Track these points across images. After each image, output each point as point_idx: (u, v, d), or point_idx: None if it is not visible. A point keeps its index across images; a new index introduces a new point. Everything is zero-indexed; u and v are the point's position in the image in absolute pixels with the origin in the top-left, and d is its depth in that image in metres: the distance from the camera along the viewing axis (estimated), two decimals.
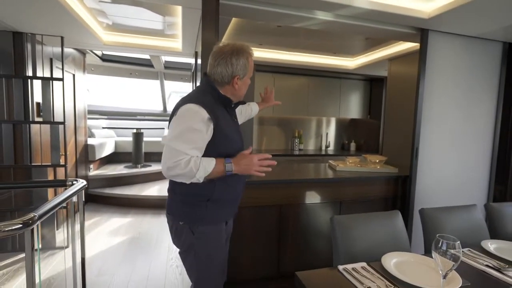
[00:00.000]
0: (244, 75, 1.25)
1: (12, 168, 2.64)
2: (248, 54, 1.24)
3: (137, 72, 5.30)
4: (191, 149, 1.12)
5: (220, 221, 1.30)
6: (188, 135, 1.12)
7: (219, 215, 1.29)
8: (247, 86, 1.30)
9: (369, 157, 2.64)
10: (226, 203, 1.30)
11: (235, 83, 1.24)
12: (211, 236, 1.27)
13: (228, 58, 1.20)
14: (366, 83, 4.50)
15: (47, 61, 2.92)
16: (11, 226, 1.12)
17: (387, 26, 2.20)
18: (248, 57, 1.25)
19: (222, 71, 1.21)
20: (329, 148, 4.67)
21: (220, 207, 1.28)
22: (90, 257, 2.61)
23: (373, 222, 1.42)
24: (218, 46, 1.25)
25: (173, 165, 1.09)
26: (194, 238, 1.24)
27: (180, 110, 1.16)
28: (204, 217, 1.24)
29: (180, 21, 2.55)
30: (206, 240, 1.26)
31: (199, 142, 1.14)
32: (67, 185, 1.79)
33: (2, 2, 2.03)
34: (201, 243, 1.25)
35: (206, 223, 1.25)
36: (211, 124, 1.16)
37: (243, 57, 1.22)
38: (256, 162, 1.19)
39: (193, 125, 1.12)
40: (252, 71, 1.28)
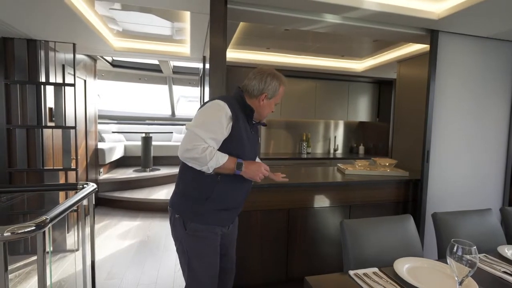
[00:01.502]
0: (272, 96, 1.37)
1: (25, 172, 2.70)
2: (281, 82, 1.38)
3: (146, 77, 5.38)
4: (210, 139, 1.20)
5: (214, 223, 1.32)
6: (210, 125, 1.21)
7: (214, 217, 1.31)
8: (271, 110, 1.41)
9: (378, 160, 2.60)
10: (224, 206, 1.32)
11: (262, 99, 1.36)
12: (201, 235, 1.30)
13: (264, 76, 1.36)
14: (375, 85, 4.46)
15: (59, 67, 2.99)
16: (23, 229, 1.14)
17: (396, 28, 2.18)
18: (281, 84, 1.38)
19: (255, 84, 1.36)
20: (338, 151, 4.63)
21: (218, 210, 1.31)
22: (99, 260, 2.63)
23: (384, 227, 1.40)
24: (260, 67, 1.41)
25: (192, 148, 1.17)
26: (185, 233, 1.29)
27: (208, 103, 1.28)
28: (198, 214, 1.28)
29: (188, 26, 2.59)
30: (196, 238, 1.29)
31: (218, 134, 1.22)
32: (78, 189, 1.82)
33: (17, 11, 2.10)
34: (190, 240, 1.29)
35: (199, 221, 1.29)
36: (231, 122, 1.25)
37: (277, 81, 1.37)
38: (263, 171, 1.29)
39: (217, 117, 1.22)
40: (279, 98, 1.41)
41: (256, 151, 1.44)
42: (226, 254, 1.46)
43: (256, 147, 1.44)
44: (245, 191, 1.40)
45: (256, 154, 1.44)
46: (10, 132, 2.65)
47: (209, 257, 1.32)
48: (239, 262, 1.91)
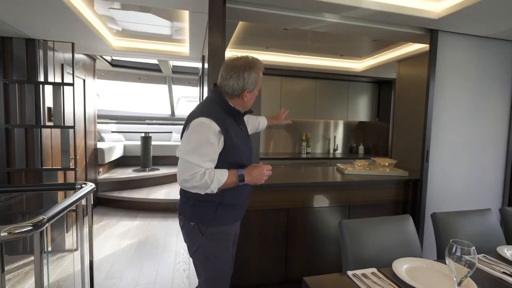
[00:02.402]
0: (254, 88, 1.30)
1: (24, 172, 2.70)
2: (258, 67, 1.29)
3: (145, 77, 5.37)
4: (205, 162, 1.17)
5: (228, 223, 1.35)
6: (202, 149, 1.17)
7: (228, 217, 1.34)
8: (255, 98, 1.36)
9: (378, 160, 2.60)
10: (234, 207, 1.35)
11: (245, 96, 1.29)
12: (219, 237, 1.32)
13: (241, 72, 1.24)
14: (374, 85, 4.45)
15: (58, 67, 2.99)
16: (21, 229, 1.14)
17: (395, 27, 2.18)
18: (259, 71, 1.30)
19: (234, 84, 1.25)
20: (337, 151, 4.62)
21: (229, 211, 1.33)
22: (98, 260, 2.62)
23: (383, 227, 1.39)
24: (231, 59, 1.29)
25: (189, 178, 1.15)
26: (203, 238, 1.29)
27: (192, 124, 1.20)
28: (213, 219, 1.30)
29: (187, 26, 2.58)
30: (214, 241, 1.31)
31: (212, 155, 1.19)
32: (76, 188, 1.81)
33: (16, 11, 2.09)
34: (209, 244, 1.30)
35: (215, 224, 1.30)
36: (222, 136, 1.21)
37: (254, 71, 1.27)
38: (265, 172, 1.28)
39: (206, 138, 1.17)
40: (261, 84, 1.35)
41: (248, 142, 1.41)
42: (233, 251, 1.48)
43: (247, 138, 1.42)
44: (248, 190, 1.41)
45: (249, 146, 1.40)
46: (8, 131, 2.64)
47: (226, 257, 1.35)
48: (238, 262, 1.91)
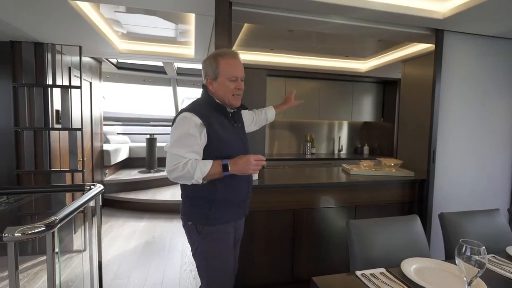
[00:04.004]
0: (215, 75, 1.30)
1: (33, 173, 2.74)
2: (218, 55, 1.30)
3: (150, 79, 5.41)
4: (188, 153, 1.21)
5: (226, 222, 1.33)
6: (183, 141, 1.22)
7: (225, 216, 1.33)
8: (228, 89, 1.30)
9: (384, 161, 2.59)
10: (231, 204, 1.34)
11: (209, 84, 1.32)
12: (216, 237, 1.31)
13: (204, 63, 1.34)
14: (379, 85, 4.44)
15: (66, 70, 3.03)
16: (34, 229, 1.16)
17: (401, 28, 2.18)
18: (218, 58, 1.29)
19: (202, 75, 1.36)
20: (342, 152, 4.61)
21: (225, 208, 1.32)
22: (106, 260, 2.65)
23: (391, 227, 1.39)
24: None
25: (173, 168, 1.19)
26: (200, 238, 1.31)
27: (176, 119, 1.27)
28: (209, 218, 1.30)
29: (193, 28, 2.60)
30: (212, 241, 1.31)
31: (194, 146, 1.22)
32: (85, 190, 1.84)
33: (25, 15, 2.13)
34: (207, 244, 1.31)
35: (211, 223, 1.30)
36: (204, 129, 1.24)
37: (213, 59, 1.30)
38: (253, 162, 1.21)
39: (187, 130, 1.22)
40: (229, 73, 1.29)
41: (244, 139, 1.41)
42: (235, 251, 1.48)
43: (243, 135, 1.42)
44: (246, 182, 1.38)
45: (244, 142, 1.40)
46: (18, 134, 2.69)
47: (225, 257, 1.34)
48: (244, 262, 1.92)
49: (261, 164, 1.24)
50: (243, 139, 1.39)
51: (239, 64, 1.32)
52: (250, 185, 1.42)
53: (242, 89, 1.34)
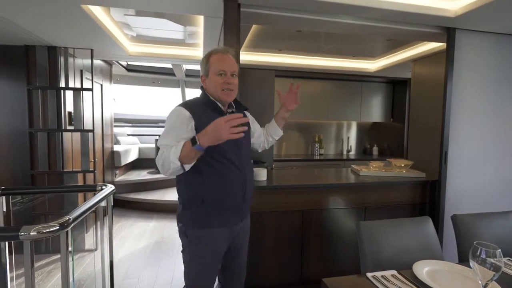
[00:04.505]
0: (206, 73, 1.31)
1: (47, 174, 2.80)
2: (209, 53, 1.32)
3: (159, 81, 5.48)
4: (172, 142, 1.17)
5: (217, 226, 1.28)
6: (169, 132, 1.22)
7: (216, 220, 1.28)
8: (217, 84, 1.27)
9: (394, 162, 2.55)
10: (223, 208, 1.28)
11: (203, 82, 1.34)
12: (203, 241, 1.27)
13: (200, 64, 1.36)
14: (388, 85, 4.39)
15: (77, 73, 3.10)
16: (48, 228, 1.19)
17: (411, 27, 2.15)
18: (210, 56, 1.30)
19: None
20: (351, 152, 4.57)
21: (217, 212, 1.27)
22: (116, 260, 2.69)
23: (402, 228, 1.37)
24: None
25: (158, 159, 1.18)
26: (187, 240, 1.29)
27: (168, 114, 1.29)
28: (197, 220, 1.27)
29: (201, 30, 2.63)
30: (197, 245, 1.28)
31: (180, 137, 1.18)
32: (97, 190, 1.87)
33: (39, 20, 2.19)
34: (192, 247, 1.28)
35: (199, 226, 1.27)
36: (192, 121, 1.23)
37: (205, 57, 1.32)
38: (224, 125, 1.06)
39: (174, 123, 1.22)
40: (217, 68, 1.27)
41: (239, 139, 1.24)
42: (237, 256, 1.43)
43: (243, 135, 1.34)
44: (242, 184, 1.30)
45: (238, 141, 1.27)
46: (32, 135, 2.76)
47: (207, 263, 1.29)
48: (252, 263, 1.93)
49: (236, 122, 1.07)
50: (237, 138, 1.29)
51: (228, 59, 1.29)
52: (247, 188, 1.33)
53: (233, 83, 1.29)
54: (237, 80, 1.33)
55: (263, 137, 1.60)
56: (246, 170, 1.33)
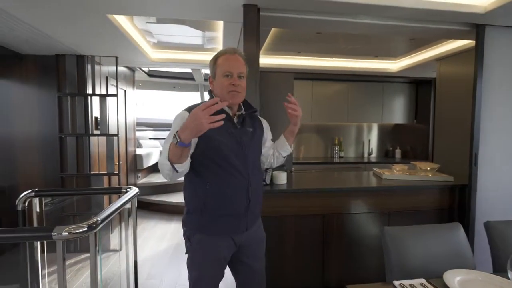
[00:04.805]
0: (213, 74, 1.26)
1: (75, 177, 2.94)
2: (216, 55, 1.27)
3: (179, 86, 5.61)
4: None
5: (218, 233, 1.24)
6: (170, 136, 1.15)
7: (216, 227, 1.24)
8: (223, 86, 1.22)
9: (419, 165, 2.46)
10: (224, 213, 1.23)
11: (211, 84, 1.29)
12: (203, 246, 1.24)
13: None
14: (411, 85, 4.24)
15: (103, 79, 3.24)
16: (78, 229, 1.24)
17: (436, 25, 2.07)
18: (217, 58, 1.26)
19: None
20: (372, 155, 4.45)
21: (217, 219, 1.23)
22: (139, 260, 2.74)
23: (430, 235, 1.32)
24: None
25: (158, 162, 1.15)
26: (189, 245, 1.27)
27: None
28: (200, 225, 1.25)
29: (220, 35, 2.67)
30: (198, 249, 1.25)
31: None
32: (122, 192, 1.94)
33: (69, 30, 2.31)
34: (193, 252, 1.26)
35: (201, 231, 1.25)
36: None
37: (213, 58, 1.27)
38: (202, 114, 0.97)
39: (176, 127, 1.15)
40: (223, 69, 1.22)
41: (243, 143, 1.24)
42: (251, 271, 1.34)
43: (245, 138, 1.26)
44: (245, 192, 1.23)
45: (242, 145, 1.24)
46: (62, 140, 2.91)
47: (206, 269, 1.25)
48: (273, 266, 1.92)
49: (214, 109, 0.97)
50: (241, 142, 1.24)
51: (235, 60, 1.23)
52: (252, 197, 1.25)
53: (239, 85, 1.22)
54: (245, 82, 1.26)
55: (272, 151, 1.46)
56: (251, 177, 1.24)
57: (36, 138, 2.88)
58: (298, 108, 1.31)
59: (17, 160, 2.87)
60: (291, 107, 1.29)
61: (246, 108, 1.32)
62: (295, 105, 1.30)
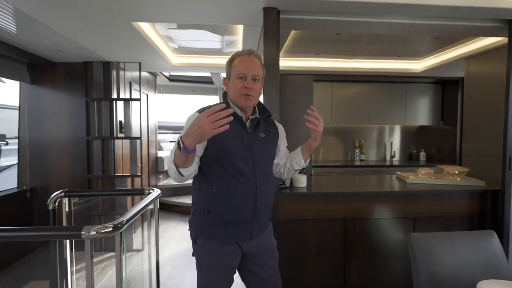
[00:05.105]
0: (228, 76, 1.23)
1: (101, 178, 3.06)
2: (232, 56, 1.23)
3: (199, 89, 5.72)
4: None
5: (219, 238, 1.22)
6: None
7: (220, 231, 1.21)
8: (236, 88, 1.18)
9: (446, 168, 2.35)
10: (228, 220, 1.20)
11: (225, 85, 1.26)
12: (208, 249, 1.22)
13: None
14: (437, 86, 4.07)
15: (127, 85, 3.36)
16: (105, 229, 1.28)
17: (465, 22, 1.98)
18: (232, 59, 1.22)
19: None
20: (395, 158, 4.31)
21: (222, 223, 1.20)
22: (160, 261, 2.80)
23: (461, 243, 1.25)
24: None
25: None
26: (195, 248, 1.27)
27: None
28: (204, 229, 1.23)
29: (240, 38, 2.69)
30: (203, 253, 1.24)
31: None
32: (145, 194, 1.99)
33: (96, 38, 2.42)
34: (198, 254, 1.25)
35: (206, 235, 1.23)
36: None
37: (229, 60, 1.24)
38: (206, 120, 0.92)
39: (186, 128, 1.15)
40: (237, 71, 1.18)
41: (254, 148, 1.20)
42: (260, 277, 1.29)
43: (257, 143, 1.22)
44: (252, 199, 1.19)
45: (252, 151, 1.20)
46: (89, 143, 3.04)
47: (211, 273, 1.23)
48: (292, 271, 1.90)
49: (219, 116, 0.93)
50: (251, 147, 1.20)
51: (251, 61, 1.18)
52: (258, 203, 1.20)
53: (252, 88, 1.17)
54: (260, 85, 1.21)
55: (284, 161, 1.39)
56: (258, 184, 1.20)
57: (66, 141, 3.03)
58: (320, 123, 1.22)
59: (49, 163, 3.03)
60: (313, 121, 1.20)
61: (260, 112, 1.28)
62: (318, 120, 1.21)
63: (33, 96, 3.01)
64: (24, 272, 2.61)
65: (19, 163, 3.03)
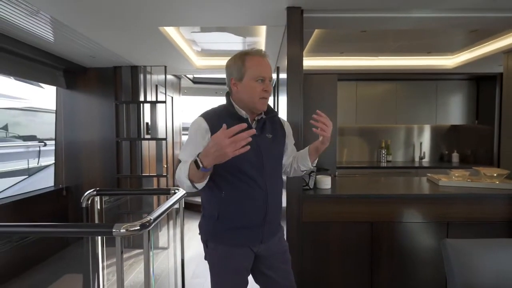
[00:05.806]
0: (240, 75, 1.14)
1: (129, 178, 3.19)
2: (244, 55, 1.16)
3: (221, 91, 5.80)
4: (190, 157, 1.05)
5: (229, 243, 1.20)
6: (187, 146, 1.17)
7: (229, 236, 1.20)
8: (255, 91, 1.13)
9: (483, 170, 2.20)
10: (236, 225, 1.18)
11: (233, 85, 1.17)
12: (219, 254, 1.21)
13: (227, 65, 1.21)
14: (471, 82, 3.83)
15: (153, 88, 3.48)
16: (134, 227, 1.33)
17: (503, 13, 1.84)
18: (244, 56, 1.15)
19: (226, 77, 1.22)
20: (424, 159, 4.10)
21: (230, 228, 1.19)
22: (185, 259, 2.88)
23: (502, 250, 1.16)
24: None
25: (176, 175, 1.13)
26: (207, 251, 1.26)
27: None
28: (214, 233, 1.22)
29: (262, 39, 2.69)
30: (214, 257, 1.23)
31: (195, 152, 1.03)
32: (171, 193, 2.05)
33: (125, 43, 2.53)
34: (210, 258, 1.25)
35: (215, 240, 1.22)
36: (209, 134, 1.12)
37: (238, 58, 1.16)
38: (226, 142, 0.89)
39: (192, 135, 1.17)
40: (255, 73, 1.13)
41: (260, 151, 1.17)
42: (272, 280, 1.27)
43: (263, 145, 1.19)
44: (263, 203, 1.18)
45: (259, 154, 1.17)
46: (118, 144, 3.18)
47: (226, 277, 1.22)
48: (317, 273, 1.86)
49: (241, 138, 0.89)
50: (259, 150, 1.17)
51: (266, 64, 1.16)
52: (269, 208, 1.19)
53: (270, 91, 1.16)
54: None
55: (291, 160, 1.36)
56: (268, 187, 1.18)
57: (97, 142, 3.19)
58: (327, 128, 1.14)
59: (82, 163, 3.21)
60: (321, 126, 1.14)
61: (266, 112, 1.23)
62: (325, 125, 1.14)
63: (68, 100, 3.20)
64: (60, 266, 2.78)
65: (56, 163, 3.24)
